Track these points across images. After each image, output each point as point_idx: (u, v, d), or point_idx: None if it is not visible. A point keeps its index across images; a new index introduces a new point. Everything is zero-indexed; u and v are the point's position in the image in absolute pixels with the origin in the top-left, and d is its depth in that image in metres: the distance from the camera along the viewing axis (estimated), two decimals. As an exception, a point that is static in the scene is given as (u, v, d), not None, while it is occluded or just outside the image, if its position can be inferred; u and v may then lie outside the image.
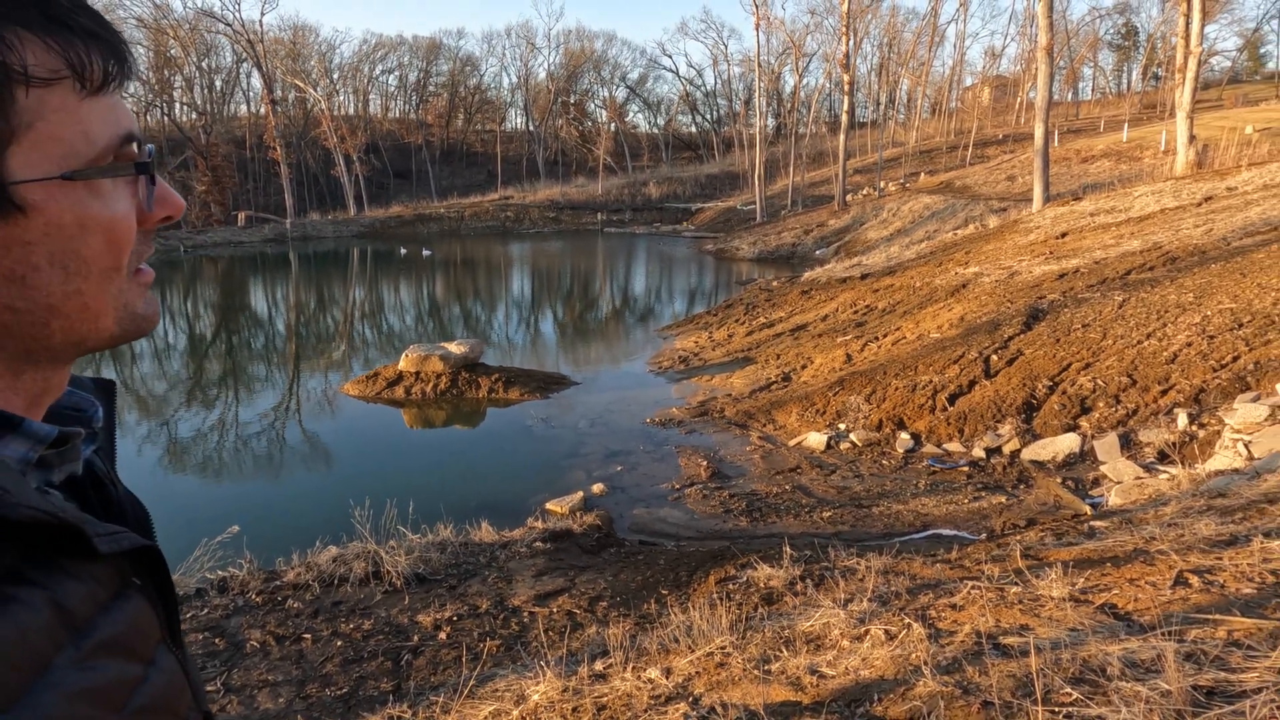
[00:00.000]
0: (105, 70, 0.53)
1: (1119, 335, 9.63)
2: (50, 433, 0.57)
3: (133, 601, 0.57)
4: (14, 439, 0.55)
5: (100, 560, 0.54)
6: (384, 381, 11.98)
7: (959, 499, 7.15)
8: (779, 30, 53.04)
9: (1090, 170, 31.02)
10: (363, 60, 70.22)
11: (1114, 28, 73.23)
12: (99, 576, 0.54)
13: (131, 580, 0.58)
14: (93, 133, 0.52)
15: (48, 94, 0.50)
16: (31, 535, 0.49)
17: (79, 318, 0.55)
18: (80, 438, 0.62)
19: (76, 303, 0.54)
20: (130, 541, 0.56)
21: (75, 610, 0.51)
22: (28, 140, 0.49)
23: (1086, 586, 3.38)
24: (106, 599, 0.54)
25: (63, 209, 0.51)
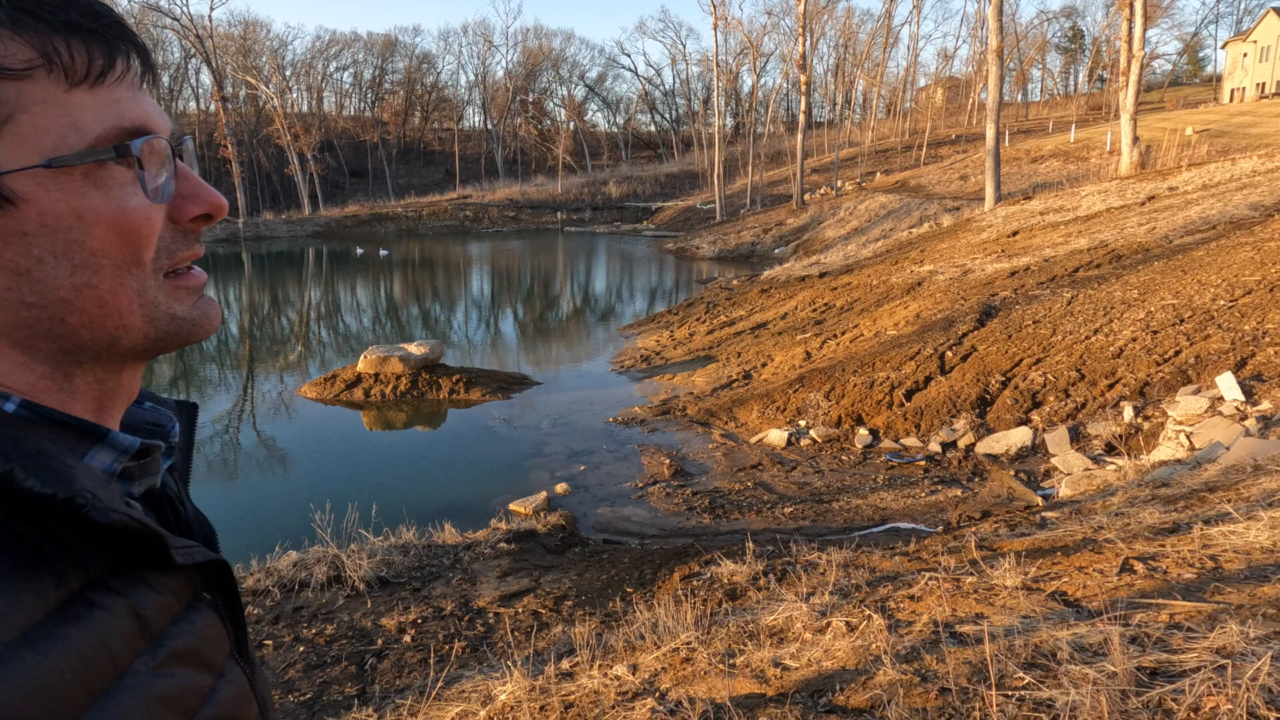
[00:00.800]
0: (89, 61, 0.52)
1: (1068, 331, 9.91)
2: (133, 444, 0.59)
3: (203, 614, 0.59)
4: (100, 449, 0.57)
5: (174, 573, 0.56)
6: (343, 383, 11.83)
7: (916, 493, 7.30)
8: (736, 30, 53.38)
9: (1040, 170, 31.79)
10: (316, 57, 69.11)
11: (1061, 31, 75.27)
12: (173, 588, 0.56)
13: (202, 594, 0.60)
14: (83, 123, 0.52)
15: (27, 86, 0.50)
16: (116, 544, 0.52)
17: (97, 313, 0.54)
18: (160, 451, 0.63)
19: (90, 296, 0.54)
20: (202, 555, 0.59)
21: (152, 619, 0.53)
22: (10, 132, 0.49)
23: (1038, 575, 3.49)
24: (179, 610, 0.57)
25: (55, 199, 0.51)
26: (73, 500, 0.48)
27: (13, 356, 0.54)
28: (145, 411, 0.68)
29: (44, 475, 0.48)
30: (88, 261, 0.53)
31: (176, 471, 0.70)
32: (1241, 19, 71.75)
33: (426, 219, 50.59)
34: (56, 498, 0.48)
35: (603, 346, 16.12)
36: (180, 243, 0.59)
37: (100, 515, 0.49)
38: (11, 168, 0.49)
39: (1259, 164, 19.29)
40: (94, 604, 0.49)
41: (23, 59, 0.49)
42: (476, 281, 29.84)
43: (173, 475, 0.69)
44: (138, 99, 0.56)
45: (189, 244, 0.60)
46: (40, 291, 0.52)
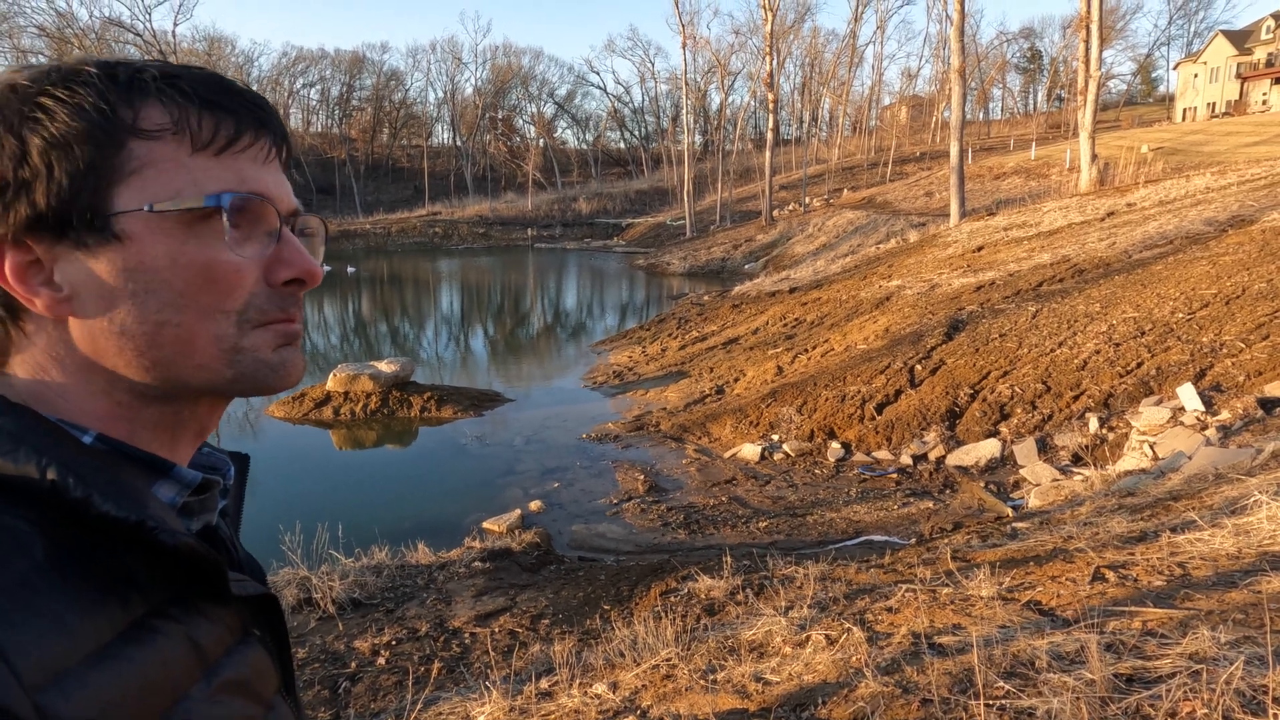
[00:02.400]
0: (215, 131, 0.59)
1: (1034, 344, 10.09)
2: (195, 478, 0.62)
3: (254, 648, 0.62)
4: (165, 483, 0.61)
5: (228, 606, 0.60)
6: (311, 402, 11.66)
7: (889, 505, 7.36)
8: (705, 49, 53.94)
9: (1002, 186, 32.45)
10: (283, 73, 68.62)
11: (1020, 52, 77.16)
12: (226, 621, 0.59)
13: (252, 630, 0.63)
14: (200, 183, 0.58)
15: (157, 146, 0.57)
16: (177, 571, 0.55)
17: (174, 350, 0.59)
18: (219, 487, 0.66)
19: (170, 334, 0.58)
20: (254, 589, 0.62)
21: (207, 648, 0.56)
22: (135, 182, 0.56)
23: (1012, 585, 3.53)
24: (232, 643, 0.59)
25: (156, 242, 0.57)
26: (144, 524, 0.52)
27: (97, 381, 0.58)
28: (203, 456, 0.71)
29: (119, 501, 0.52)
30: (172, 301, 0.58)
31: (228, 517, 0.73)
32: (1191, 41, 74.15)
33: (395, 236, 50.27)
34: (129, 521, 0.52)
35: (575, 363, 16.09)
36: (273, 302, 0.63)
37: (169, 538, 0.53)
38: (123, 209, 0.56)
39: (1212, 181, 19.88)
40: (155, 630, 0.52)
41: (155, 123, 0.57)
42: (447, 298, 29.67)
43: (224, 521, 0.72)
44: (263, 171, 0.62)
45: (284, 306, 0.64)
46: (129, 323, 0.57)
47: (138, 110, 0.57)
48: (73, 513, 0.51)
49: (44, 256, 0.56)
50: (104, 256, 0.56)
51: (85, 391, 0.58)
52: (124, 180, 0.56)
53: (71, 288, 0.56)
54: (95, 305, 0.56)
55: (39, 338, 0.58)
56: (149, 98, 0.57)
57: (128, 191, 0.56)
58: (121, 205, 0.56)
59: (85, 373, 0.58)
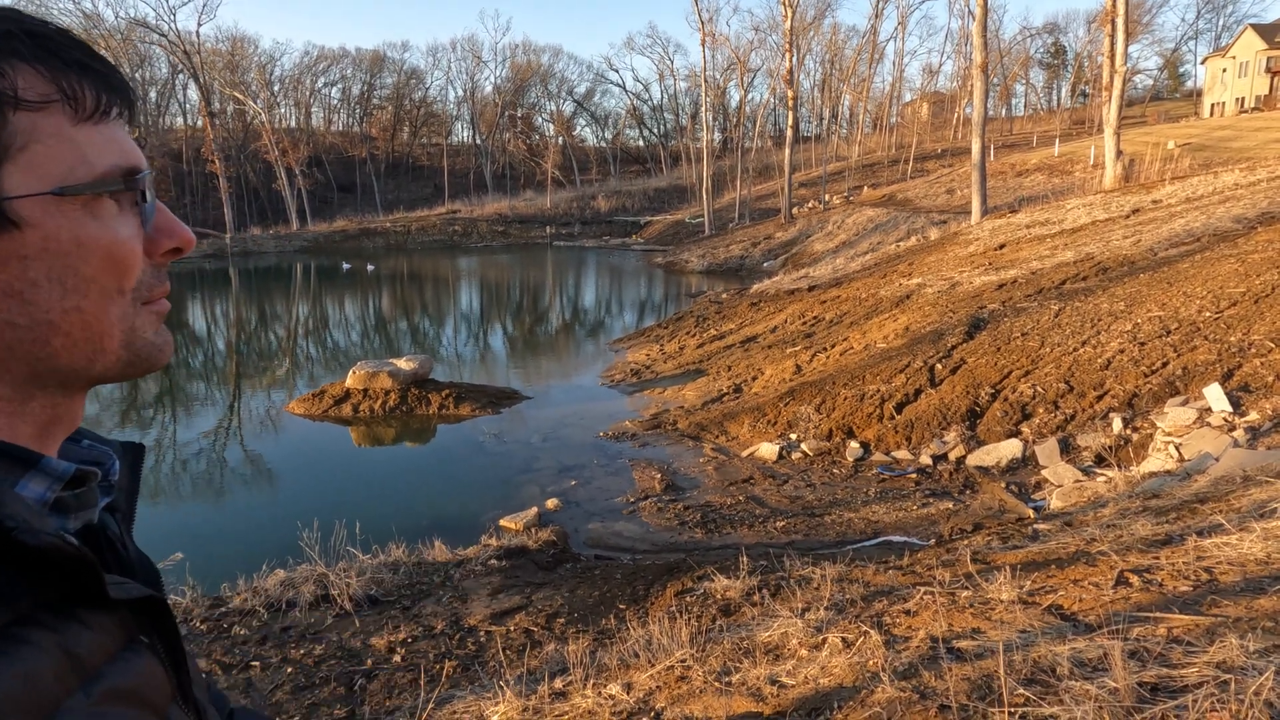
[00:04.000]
0: (98, 99, 0.55)
1: (1056, 343, 9.96)
2: (67, 469, 0.58)
3: (141, 656, 0.57)
4: (33, 476, 0.56)
5: (110, 611, 0.54)
6: (331, 399, 11.74)
7: (908, 505, 7.29)
8: (724, 46, 53.73)
9: (1025, 184, 32.07)
10: (304, 72, 69.17)
11: (1044, 47, 76.24)
12: (107, 627, 0.54)
13: (139, 637, 0.58)
14: (91, 157, 0.55)
15: (40, 118, 0.52)
16: (45, 575, 0.50)
17: (81, 337, 0.56)
18: (96, 479, 0.61)
19: (77, 320, 0.55)
20: (138, 590, 0.57)
21: (85, 657, 0.51)
22: (23, 159, 0.51)
23: (1033, 588, 3.47)
24: (115, 650, 0.54)
25: (59, 226, 0.53)
26: (1, 524, 0.47)
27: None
28: (83, 450, 0.66)
29: None
30: (79, 287, 0.55)
31: (119, 513, 0.68)
32: (1220, 35, 72.91)
33: (415, 234, 50.53)
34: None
35: (593, 360, 16.09)
36: (155, 276, 0.61)
37: (30, 538, 0.48)
38: (20, 193, 0.51)
39: (1240, 177, 19.53)
40: (21, 640, 0.47)
41: (39, 92, 0.52)
42: (465, 296, 29.79)
43: (115, 518, 0.67)
44: (129, 139, 0.59)
45: (161, 278, 0.61)
46: (29, 314, 0.53)
47: (14, 78, 0.52)
48: None
49: None
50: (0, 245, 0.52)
51: None
52: (11, 159, 0.51)
53: None
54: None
55: None
56: (24, 62, 0.52)
57: (18, 172, 0.51)
58: (14, 189, 0.51)
59: None
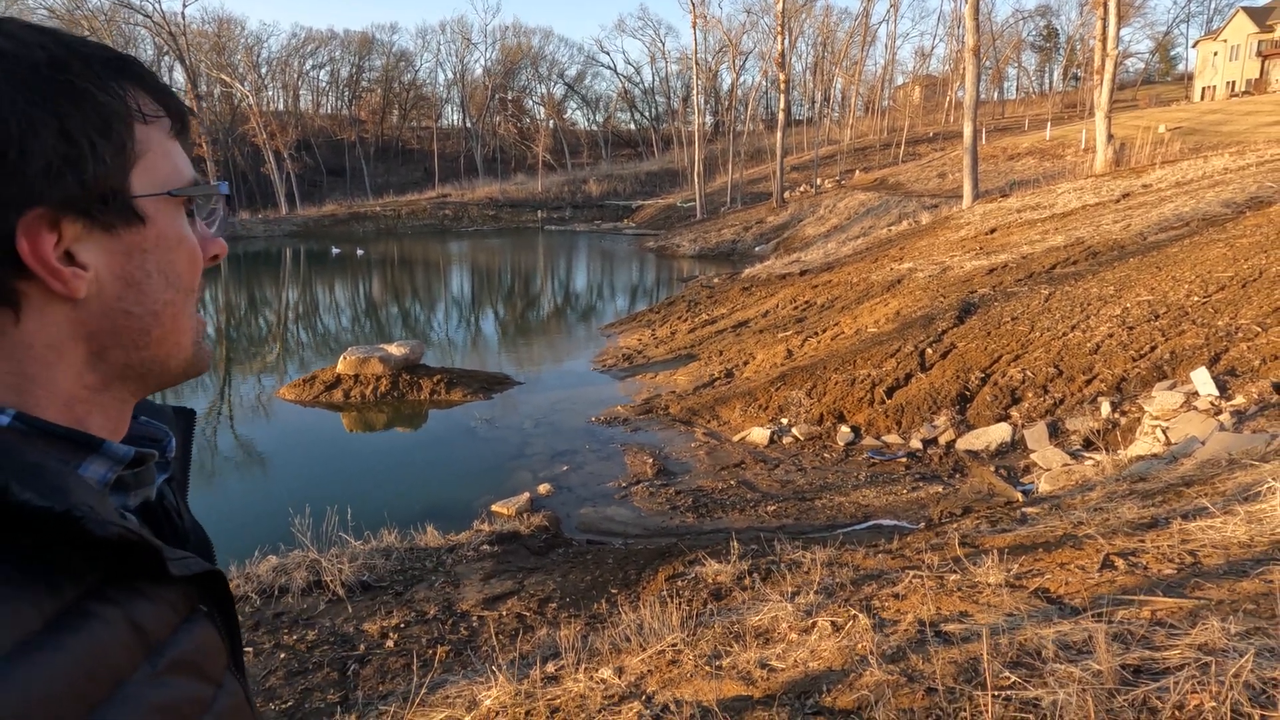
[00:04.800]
0: (182, 118, 0.64)
1: (1046, 327, 10.01)
2: (127, 453, 0.61)
3: (201, 625, 0.60)
4: (94, 460, 0.59)
5: (171, 585, 0.58)
6: (322, 384, 11.71)
7: (898, 489, 7.34)
8: (716, 28, 53.48)
9: (1016, 167, 32.10)
10: (292, 54, 68.39)
11: (1036, 30, 76.05)
12: (170, 600, 0.58)
13: (198, 606, 0.61)
14: (180, 166, 0.63)
15: (153, 130, 0.61)
16: (112, 555, 0.53)
17: (172, 328, 0.62)
18: (154, 459, 0.65)
19: (170, 312, 0.62)
20: (198, 566, 0.60)
21: (150, 629, 0.55)
22: (142, 165, 0.59)
23: (1021, 572, 3.51)
24: (177, 621, 0.58)
25: (168, 223, 0.61)
26: (70, 513, 0.50)
27: (75, 361, 0.58)
28: (140, 425, 0.69)
29: (40, 488, 0.50)
30: (175, 281, 0.62)
31: (174, 482, 0.72)
32: (1212, 18, 72.89)
33: (405, 218, 50.21)
34: (54, 511, 0.49)
35: (584, 345, 16.08)
36: (200, 282, 0.66)
37: (98, 528, 0.51)
38: (145, 193, 0.59)
39: (1230, 161, 19.59)
40: (90, 614, 0.51)
41: (151, 109, 0.60)
42: (456, 281, 29.68)
43: (170, 486, 0.71)
44: None
45: (201, 286, 0.67)
46: (142, 303, 0.60)
47: (136, 96, 0.60)
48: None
49: (70, 236, 0.56)
50: (125, 238, 0.58)
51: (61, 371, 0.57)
52: (136, 164, 0.58)
53: (94, 268, 0.57)
54: (112, 286, 0.58)
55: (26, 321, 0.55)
56: (138, 84, 0.60)
57: (140, 175, 0.59)
58: (139, 188, 0.58)
59: (58, 354, 0.57)
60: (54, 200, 0.54)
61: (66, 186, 0.54)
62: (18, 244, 0.53)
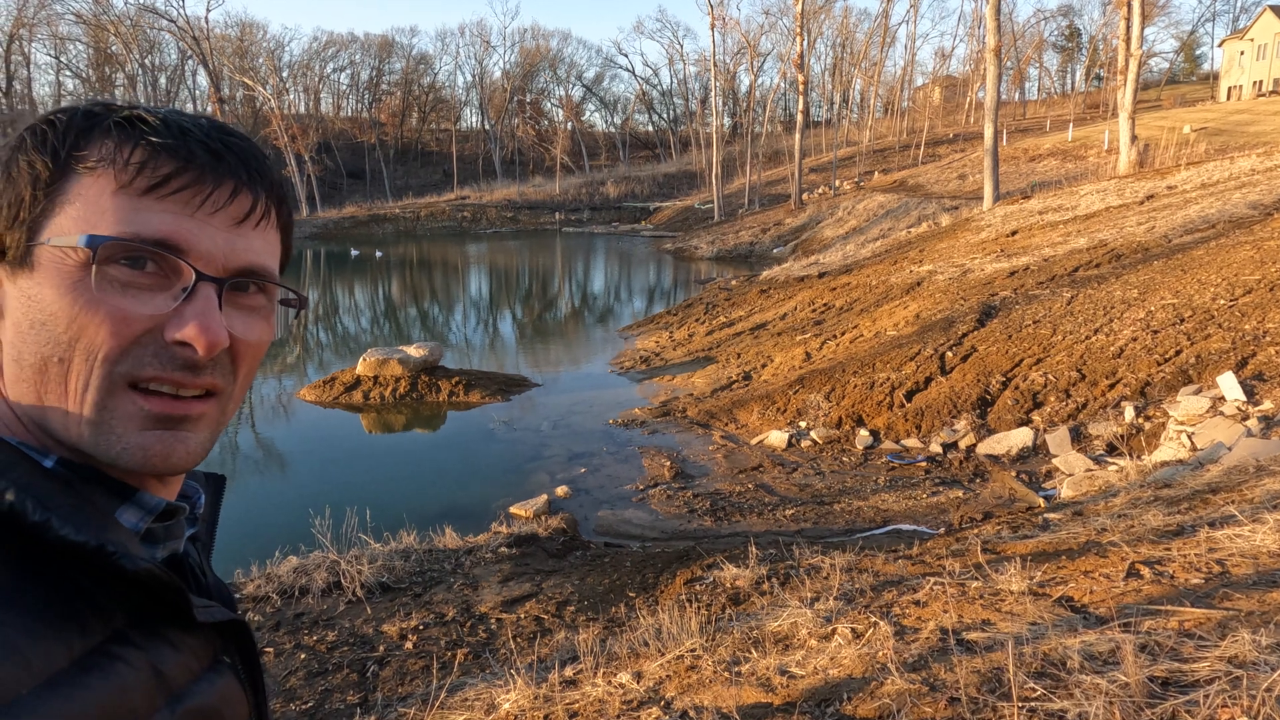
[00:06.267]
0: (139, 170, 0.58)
1: (1068, 331, 9.89)
2: (159, 504, 0.62)
3: (223, 676, 0.61)
4: (128, 508, 0.60)
5: (195, 633, 0.59)
6: (341, 386, 11.79)
7: (918, 494, 7.29)
8: (734, 30, 53.42)
9: (1038, 169, 31.79)
10: (313, 58, 69.01)
11: (1058, 30, 75.30)
12: (194, 648, 0.59)
13: (222, 657, 0.62)
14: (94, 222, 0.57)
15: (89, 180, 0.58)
16: (139, 596, 0.54)
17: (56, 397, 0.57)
18: (184, 513, 0.66)
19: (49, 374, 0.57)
20: (222, 614, 0.61)
21: (171, 676, 0.55)
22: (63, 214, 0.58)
23: (1044, 580, 3.47)
24: (199, 670, 0.58)
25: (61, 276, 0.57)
26: (103, 548, 0.52)
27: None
28: None
29: (78, 525, 0.52)
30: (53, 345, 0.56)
31: (200, 543, 0.73)
32: (1238, 17, 71.87)
33: (424, 220, 50.50)
34: (88, 545, 0.51)
35: (602, 347, 16.09)
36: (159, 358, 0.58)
37: (129, 563, 0.52)
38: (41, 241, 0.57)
39: (1257, 162, 19.29)
40: (115, 656, 0.52)
41: (95, 158, 0.57)
42: (475, 282, 29.80)
43: (195, 546, 0.71)
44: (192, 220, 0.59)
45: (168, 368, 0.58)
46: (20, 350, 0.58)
47: (91, 145, 0.58)
48: (32, 537, 0.50)
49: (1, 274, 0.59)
50: (20, 282, 0.58)
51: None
52: (58, 212, 0.57)
53: (4, 308, 0.59)
54: (9, 329, 0.58)
55: None
56: (104, 134, 0.58)
57: (52, 223, 0.57)
58: (42, 236, 0.57)
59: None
60: None
61: None
62: None
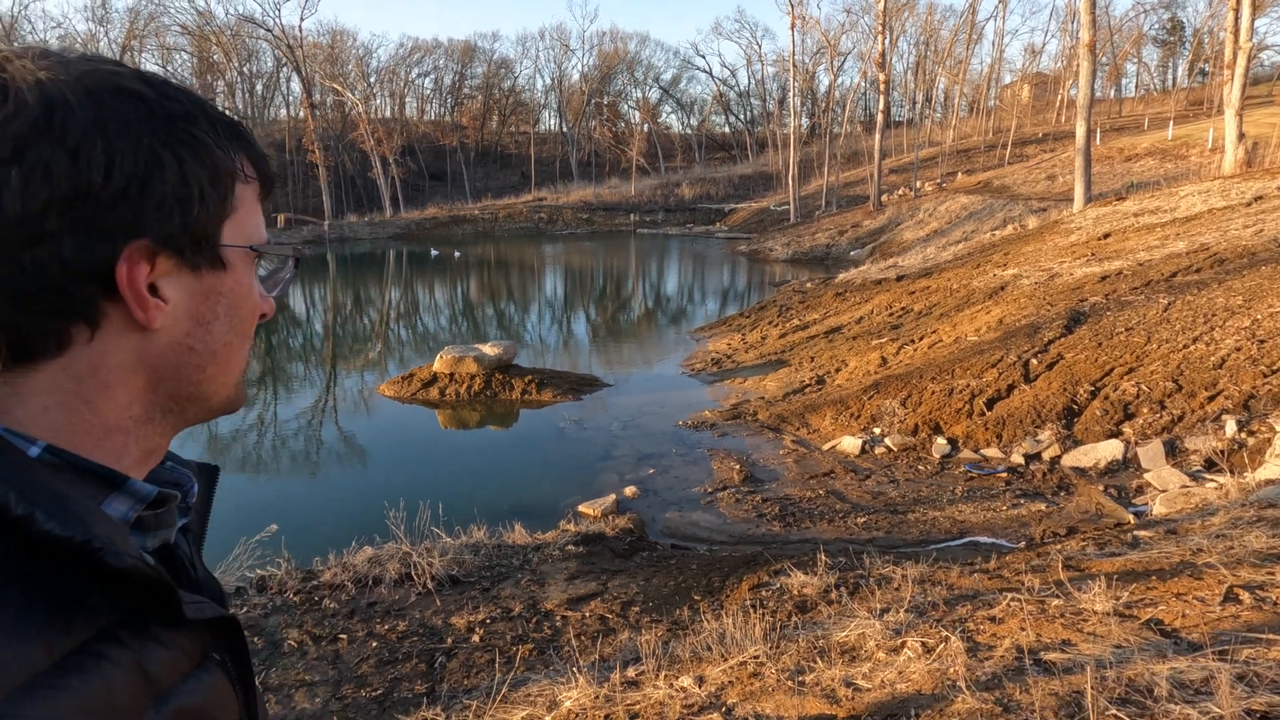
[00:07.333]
0: (270, 183, 0.70)
1: (1164, 339, 9.39)
2: (150, 491, 0.61)
3: (212, 674, 0.60)
4: (118, 496, 0.59)
5: (184, 630, 0.58)
6: (419, 382, 12.10)
7: (997, 506, 7.03)
8: (814, 29, 52.65)
9: (1134, 169, 30.32)
10: (399, 64, 71.04)
11: (1159, 23, 71.50)
12: (183, 646, 0.57)
13: (212, 654, 0.61)
14: (260, 226, 0.68)
15: (248, 191, 0.66)
16: (126, 593, 0.53)
17: (224, 368, 0.65)
18: (177, 500, 0.66)
19: (227, 353, 0.65)
20: (212, 610, 0.61)
21: (159, 675, 0.54)
22: (234, 219, 0.64)
23: (1131, 600, 3.29)
24: (188, 668, 0.57)
25: (244, 273, 0.65)
26: (89, 544, 0.50)
27: (129, 390, 0.60)
28: (165, 470, 0.69)
29: (63, 519, 0.50)
30: (237, 325, 0.66)
31: (191, 534, 0.72)
32: (1362, 6, 66.87)
33: (502, 221, 51.42)
34: (74, 541, 0.50)
35: (673, 348, 16.07)
36: None
37: (115, 559, 0.51)
38: (233, 243, 0.64)
39: (1381, 161, 17.94)
40: (100, 656, 0.50)
41: (249, 171, 0.66)
42: (550, 283, 30.19)
43: (186, 538, 0.70)
44: None
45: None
46: (205, 340, 0.63)
47: (241, 157, 0.65)
48: (14, 531, 0.49)
49: (161, 269, 0.59)
50: (206, 280, 0.62)
51: (118, 397, 0.59)
52: (229, 217, 0.63)
53: (173, 303, 0.60)
54: (184, 322, 0.61)
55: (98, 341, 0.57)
56: (245, 148, 0.66)
57: (230, 227, 0.63)
58: (228, 238, 0.63)
59: (118, 379, 0.59)
60: (158, 234, 0.57)
61: (171, 224, 0.58)
62: (117, 268, 0.56)
